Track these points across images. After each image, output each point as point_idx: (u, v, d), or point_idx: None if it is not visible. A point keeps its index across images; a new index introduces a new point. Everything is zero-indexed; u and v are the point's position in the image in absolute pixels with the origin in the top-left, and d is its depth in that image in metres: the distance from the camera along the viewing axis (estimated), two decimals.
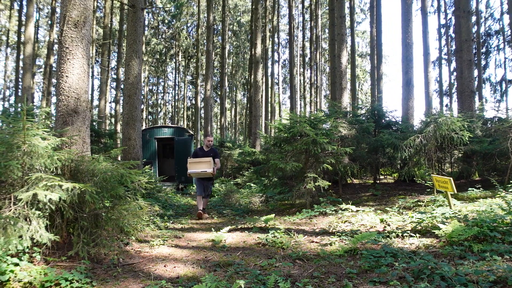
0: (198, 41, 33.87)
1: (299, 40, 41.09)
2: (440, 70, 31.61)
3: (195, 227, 7.42)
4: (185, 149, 16.59)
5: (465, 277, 3.30)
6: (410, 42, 13.55)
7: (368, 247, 4.90)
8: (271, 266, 4.28)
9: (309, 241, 5.61)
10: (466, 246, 4.34)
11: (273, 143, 9.36)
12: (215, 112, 44.36)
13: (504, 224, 4.75)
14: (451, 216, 5.57)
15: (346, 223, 6.65)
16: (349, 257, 4.51)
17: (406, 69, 13.30)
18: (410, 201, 7.70)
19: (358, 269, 3.96)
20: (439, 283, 3.26)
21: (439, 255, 4.25)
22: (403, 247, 4.77)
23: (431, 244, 4.79)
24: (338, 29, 14.70)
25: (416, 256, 4.15)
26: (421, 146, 9.31)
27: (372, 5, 25.31)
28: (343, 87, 14.02)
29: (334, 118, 10.06)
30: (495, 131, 9.38)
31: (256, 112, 19.97)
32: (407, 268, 3.80)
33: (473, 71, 14.07)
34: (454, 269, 3.54)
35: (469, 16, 14.16)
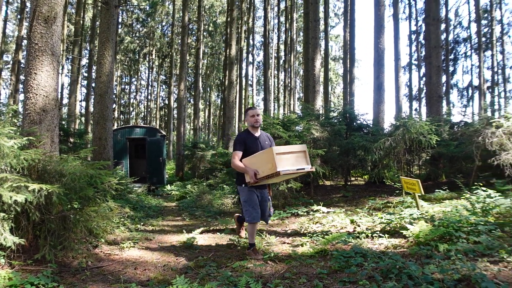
0: (173, 40, 33.59)
1: (274, 43, 41.30)
2: (410, 75, 32.44)
3: (166, 229, 7.34)
4: (158, 150, 16.41)
5: (431, 276, 3.39)
6: (382, 47, 13.84)
7: (338, 247, 4.98)
8: (243, 267, 4.28)
9: (281, 242, 5.65)
10: (433, 245, 4.47)
11: None
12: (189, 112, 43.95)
13: (468, 224, 4.91)
14: (419, 217, 5.71)
15: (318, 224, 6.73)
16: (320, 258, 4.56)
17: (378, 73, 13.57)
18: (379, 203, 7.86)
19: (329, 269, 4.01)
20: (406, 282, 3.35)
21: (407, 255, 4.35)
22: (372, 247, 4.87)
23: (399, 244, 4.90)
24: (313, 33, 14.86)
25: (385, 256, 4.23)
26: (390, 149, 9.51)
27: (346, 10, 25.69)
28: (316, 90, 14.18)
29: (307, 120, 10.16)
30: (461, 135, 9.67)
31: (229, 113, 19.96)
32: (376, 267, 3.88)
33: (441, 77, 14.48)
34: (421, 268, 3.64)
35: (439, 23, 14.57)
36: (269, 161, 4.25)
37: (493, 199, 5.90)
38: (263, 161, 4.34)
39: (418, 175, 11.35)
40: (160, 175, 16.51)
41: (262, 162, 4.36)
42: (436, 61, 13.90)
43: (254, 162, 4.47)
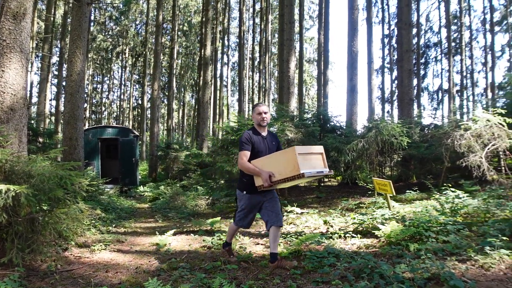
0: (147, 39, 33.16)
1: (249, 44, 41.34)
2: (383, 78, 33.11)
3: (139, 230, 7.24)
4: (130, 150, 16.15)
5: (402, 275, 3.46)
6: (356, 50, 14.05)
7: (312, 248, 5.01)
8: (217, 269, 4.25)
9: (255, 243, 5.65)
10: (404, 245, 4.57)
11: (220, 146, 9.36)
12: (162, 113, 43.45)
13: (438, 224, 5.04)
14: (390, 217, 5.83)
15: (291, 225, 6.77)
16: (294, 258, 4.58)
17: (351, 76, 13.77)
18: (352, 203, 7.97)
19: (302, 269, 4.03)
20: (378, 281, 3.40)
21: (379, 255, 4.43)
22: (345, 247, 4.93)
23: (371, 244, 4.98)
24: (287, 35, 14.95)
25: (357, 256, 4.29)
26: (363, 150, 9.66)
27: (320, 12, 25.96)
28: (290, 91, 14.27)
29: (281, 121, 10.20)
30: (431, 137, 9.91)
31: (204, 114, 19.85)
32: (348, 267, 3.93)
33: (412, 80, 14.82)
34: (392, 268, 3.71)
35: (410, 28, 14.91)
36: (290, 162, 3.79)
37: (461, 199, 6.08)
38: (281, 162, 3.87)
39: (390, 176, 11.57)
40: (133, 176, 16.26)
41: (279, 163, 3.89)
42: (407, 65, 14.21)
43: (268, 164, 3.97)
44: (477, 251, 4.01)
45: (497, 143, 7.42)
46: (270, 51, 37.49)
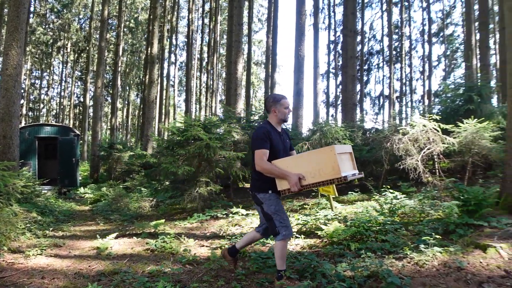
0: (91, 35, 31.94)
1: (197, 44, 40.96)
2: (328, 83, 34.08)
3: (79, 234, 6.94)
4: (70, 150, 15.45)
5: (343, 274, 3.58)
6: (302, 55, 14.35)
7: (256, 249, 5.05)
8: (160, 272, 4.17)
9: (200, 245, 5.60)
10: (345, 245, 4.72)
11: (165, 146, 9.19)
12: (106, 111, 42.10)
13: (377, 224, 5.26)
14: (333, 218, 6.00)
15: (237, 226, 6.77)
16: (239, 260, 4.60)
17: (298, 79, 14.05)
18: (296, 204, 8.12)
19: (247, 271, 4.05)
20: (320, 280, 3.50)
21: (321, 254, 4.55)
22: (289, 248, 5.01)
23: (314, 244, 5.10)
24: (236, 36, 14.99)
25: (301, 256, 4.38)
26: None
27: (269, 16, 26.27)
28: (238, 93, 14.31)
29: (228, 123, 10.20)
30: (373, 140, 10.30)
31: (149, 113, 19.40)
32: (292, 267, 4.00)
33: (356, 85, 15.38)
34: (334, 267, 3.83)
35: (355, 35, 15.46)
36: (328, 163, 3.28)
37: (399, 200, 6.38)
38: (314, 163, 3.34)
39: None
40: (73, 177, 15.56)
41: (312, 164, 3.34)
42: (351, 71, 14.71)
43: (296, 165, 3.41)
44: (413, 249, 4.23)
45: (432, 147, 7.85)
46: (218, 52, 37.37)
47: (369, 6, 35.68)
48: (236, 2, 15.49)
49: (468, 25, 17.41)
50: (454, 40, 35.90)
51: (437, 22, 36.09)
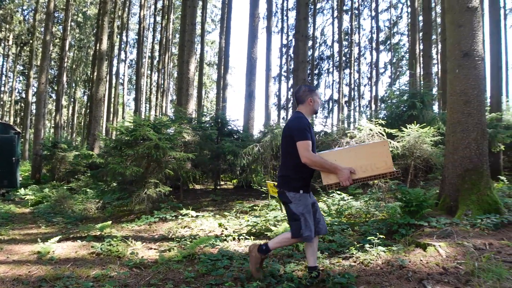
0: (35, 28, 30.36)
1: (148, 42, 40.13)
2: (280, 86, 34.54)
3: (18, 238, 6.56)
4: (10, 149, 14.58)
5: (292, 274, 3.64)
6: (255, 57, 14.45)
7: (206, 251, 5.02)
8: (106, 276, 4.04)
9: (148, 248, 5.48)
10: (294, 245, 4.80)
11: (113, 146, 8.91)
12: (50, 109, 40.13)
13: None
14: (282, 219, 6.09)
15: (186, 228, 6.70)
16: (188, 262, 4.54)
17: (250, 81, 14.12)
18: (247, 206, 8.16)
19: (196, 273, 4.01)
20: (270, 280, 3.53)
21: (271, 255, 4.58)
22: (238, 249, 5.02)
23: None
24: (189, 36, 14.83)
25: None
26: (259, 155, 9.95)
27: (222, 17, 26.23)
28: (189, 93, 14.16)
29: (179, 123, 10.07)
30: (322, 143, 10.54)
31: (97, 112, 18.75)
32: (242, 269, 4.01)
33: None
34: (283, 267, 3.89)
35: (307, 40, 15.77)
36: (380, 157, 3.30)
37: (346, 201, 6.59)
38: (365, 157, 3.32)
39: None
40: (12, 177, 14.70)
41: (363, 158, 3.32)
42: (302, 75, 14.98)
43: (345, 158, 3.32)
44: (359, 248, 4.38)
45: None
46: (170, 51, 36.82)
47: (321, 12, 36.62)
48: (190, 1, 15.33)
49: (413, 35, 18.28)
50: (400, 48, 37.64)
51: (384, 31, 37.72)
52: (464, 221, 4.98)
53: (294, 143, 3.28)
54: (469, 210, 5.22)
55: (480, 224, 4.77)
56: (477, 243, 4.27)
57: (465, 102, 5.61)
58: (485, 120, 5.70)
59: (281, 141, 3.54)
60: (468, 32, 5.69)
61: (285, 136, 3.46)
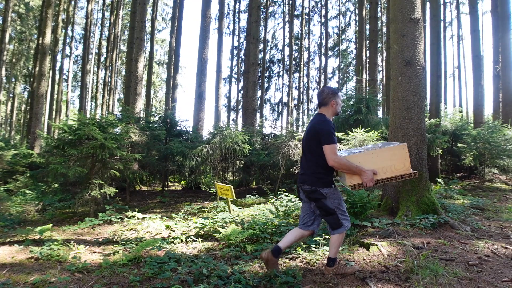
0: None
1: (96, 37, 38.69)
2: (230, 87, 34.54)
3: None
4: None
5: (239, 275, 3.64)
6: (206, 58, 14.36)
7: (152, 254, 4.92)
8: (45, 282, 3.84)
9: (91, 251, 5.29)
10: (242, 247, 4.82)
11: (55, 145, 8.51)
12: None
13: (272, 226, 5.46)
14: (230, 221, 6.09)
15: (132, 231, 6.54)
16: (133, 266, 4.44)
17: (200, 82, 14.02)
18: (195, 208, 8.09)
19: (142, 276, 3.92)
20: (217, 282, 3.51)
21: (219, 257, 4.58)
22: (186, 251, 4.97)
23: (212, 247, 5.12)
24: (138, 33, 14.50)
25: (198, 260, 4.37)
26: (208, 156, 9.90)
27: (174, 16, 25.84)
28: (138, 92, 13.84)
29: (126, 123, 9.81)
30: (271, 145, 10.69)
31: (38, 109, 17.84)
32: (189, 271, 3.97)
33: (257, 91, 15.80)
34: (230, 269, 3.89)
35: (258, 43, 15.90)
36: (400, 159, 3.51)
37: (293, 203, 6.69)
38: (385, 159, 3.50)
39: (232, 181, 12.09)
40: None
41: (383, 160, 3.50)
42: (253, 77, 15.10)
43: (367, 160, 3.47)
44: (305, 249, 4.48)
45: None
46: (118, 48, 35.76)
47: (272, 16, 37.03)
48: None
49: (360, 42, 18.97)
50: (347, 55, 38.95)
51: (333, 37, 38.85)
52: (404, 221, 5.23)
53: (321, 144, 3.40)
54: (409, 211, 5.49)
55: (419, 224, 5.03)
56: (416, 242, 4.50)
57: (407, 108, 5.90)
58: (424, 125, 6.02)
59: (305, 141, 3.62)
60: (411, 42, 5.99)
61: (311, 138, 3.52)
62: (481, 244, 4.55)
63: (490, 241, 4.71)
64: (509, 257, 4.18)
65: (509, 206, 7.65)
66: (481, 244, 4.53)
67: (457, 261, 3.97)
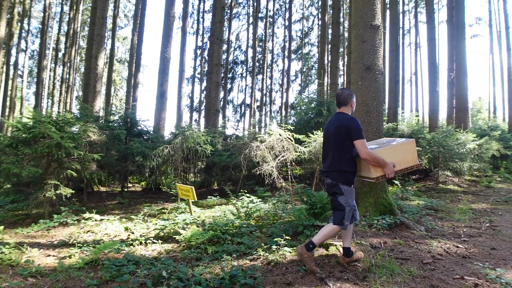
0: None
1: (53, 32, 37.32)
2: (193, 87, 34.22)
3: None
4: None
5: (200, 277, 3.62)
6: (168, 57, 14.18)
7: (110, 256, 4.80)
8: None
9: (45, 255, 5.09)
10: (203, 248, 4.79)
11: (8, 144, 8.13)
12: None
13: (234, 227, 5.46)
14: (191, 222, 6.03)
15: (89, 233, 6.34)
16: (90, 269, 4.31)
17: (162, 81, 13.83)
18: (155, 209, 7.96)
19: (99, 280, 3.82)
20: (177, 284, 3.47)
21: (179, 259, 4.53)
22: (146, 254, 4.88)
23: (172, 249, 5.05)
24: (99, 30, 14.11)
25: (158, 262, 4.30)
26: (169, 156, 9.77)
27: (136, 13, 25.34)
28: (97, 90, 13.48)
29: (84, 121, 9.52)
30: (233, 146, 10.69)
31: None
32: (148, 274, 3.89)
33: (220, 92, 15.76)
34: (191, 270, 3.86)
35: (221, 43, 15.85)
36: (410, 153, 4.01)
37: (255, 204, 6.73)
38: (400, 153, 3.97)
39: (194, 182, 11.99)
40: None
41: (398, 153, 3.96)
42: (216, 78, 15.04)
43: (387, 154, 3.87)
44: (266, 250, 4.51)
45: (286, 155, 8.45)
46: (78, 44, 34.70)
47: (237, 17, 37.08)
48: None
49: (322, 46, 19.31)
50: (310, 58, 39.56)
51: (296, 40, 39.34)
52: (362, 221, 5.37)
53: (350, 140, 3.73)
54: (367, 212, 5.64)
55: (377, 225, 5.18)
56: (373, 242, 4.63)
57: (366, 111, 6.06)
58: (382, 129, 6.20)
59: (333, 137, 3.89)
60: (371, 47, 6.16)
61: (338, 134, 3.81)
62: (435, 243, 4.75)
63: (443, 241, 4.91)
64: (461, 255, 4.39)
65: (461, 207, 8.02)
66: (435, 244, 4.73)
67: (412, 260, 4.13)
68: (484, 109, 51.86)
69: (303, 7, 37.41)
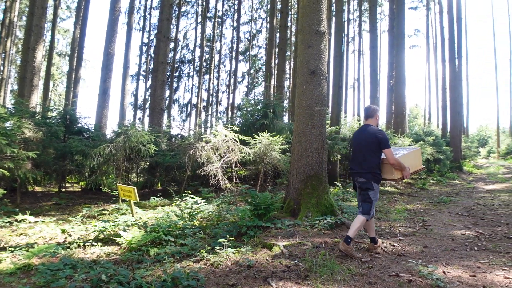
0: None
1: None
2: (137, 85, 33.44)
3: None
4: None
5: (141, 280, 3.53)
6: (113, 52, 13.74)
7: (45, 260, 4.57)
8: None
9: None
10: (144, 250, 4.69)
11: None
12: None
13: (177, 228, 5.40)
14: (133, 224, 5.88)
15: (22, 236, 5.99)
16: (23, 274, 4.08)
17: (105, 77, 13.37)
18: (95, 210, 7.67)
19: (32, 286, 3.63)
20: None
21: (119, 262, 4.41)
22: (84, 257, 4.70)
23: (112, 252, 4.90)
24: (38, 20, 13.39)
25: (97, 265, 4.16)
26: (110, 156, 9.45)
27: (79, 5, 24.31)
28: (34, 84, 12.78)
29: (19, 117, 8.98)
30: (177, 147, 10.55)
31: None
32: (86, 278, 3.76)
33: (165, 91, 15.50)
34: (132, 273, 3.76)
35: (168, 41, 15.59)
36: (417, 158, 5.01)
37: (199, 205, 6.68)
38: (411, 159, 4.87)
39: (136, 183, 11.70)
40: None
41: (410, 159, 4.83)
42: (162, 76, 14.78)
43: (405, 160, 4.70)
44: (209, 251, 4.51)
45: (231, 156, 8.49)
46: (14, 34, 32.65)
47: (185, 15, 36.59)
48: None
49: (270, 49, 19.53)
50: (257, 60, 39.87)
51: (244, 42, 39.51)
52: (305, 222, 5.50)
53: (379, 147, 4.57)
54: (309, 212, 5.78)
55: (318, 225, 5.33)
56: (315, 242, 4.76)
57: (310, 115, 6.21)
58: (325, 132, 6.39)
59: (365, 144, 4.66)
60: (316, 53, 6.33)
61: (372, 142, 4.58)
62: None
63: (380, 240, 5.15)
64: (396, 253, 4.63)
65: (397, 207, 8.43)
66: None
67: (351, 258, 4.29)
68: (420, 115, 55.06)
69: (252, 9, 37.69)
